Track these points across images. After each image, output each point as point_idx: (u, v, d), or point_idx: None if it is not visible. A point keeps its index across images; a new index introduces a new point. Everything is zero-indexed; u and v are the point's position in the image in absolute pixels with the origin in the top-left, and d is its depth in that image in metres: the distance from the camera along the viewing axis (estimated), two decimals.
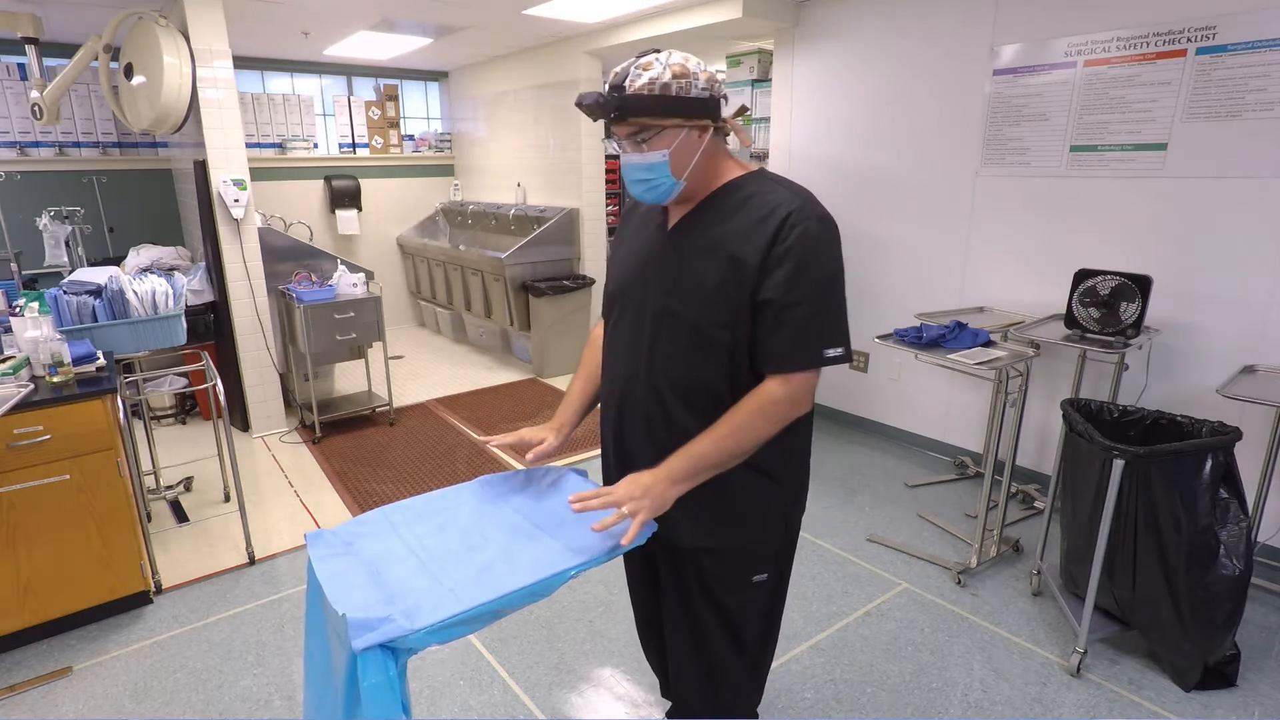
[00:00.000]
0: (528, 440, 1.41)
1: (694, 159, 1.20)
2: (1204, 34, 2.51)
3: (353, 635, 0.96)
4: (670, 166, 1.18)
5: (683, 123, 1.16)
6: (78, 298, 2.50)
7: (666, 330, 1.25)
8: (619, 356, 1.36)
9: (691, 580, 1.36)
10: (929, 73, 3.32)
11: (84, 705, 2.01)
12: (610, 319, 1.40)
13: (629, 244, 1.39)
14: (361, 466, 3.56)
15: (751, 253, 1.16)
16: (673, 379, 1.25)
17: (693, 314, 1.22)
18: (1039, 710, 1.97)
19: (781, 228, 1.15)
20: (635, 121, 1.15)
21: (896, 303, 3.61)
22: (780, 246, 1.15)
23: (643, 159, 1.18)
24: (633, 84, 1.13)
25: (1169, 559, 1.96)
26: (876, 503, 3.15)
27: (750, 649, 1.42)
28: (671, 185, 1.21)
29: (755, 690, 1.55)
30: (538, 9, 3.89)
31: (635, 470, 1.23)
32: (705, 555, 1.33)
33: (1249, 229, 2.50)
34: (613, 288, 1.39)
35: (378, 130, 6.04)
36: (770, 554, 1.38)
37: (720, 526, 1.30)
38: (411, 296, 6.55)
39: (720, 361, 1.22)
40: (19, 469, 2.07)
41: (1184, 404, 2.64)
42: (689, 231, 1.26)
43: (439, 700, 2.03)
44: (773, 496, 1.32)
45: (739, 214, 1.21)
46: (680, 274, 1.24)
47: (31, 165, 4.54)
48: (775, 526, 1.35)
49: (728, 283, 1.18)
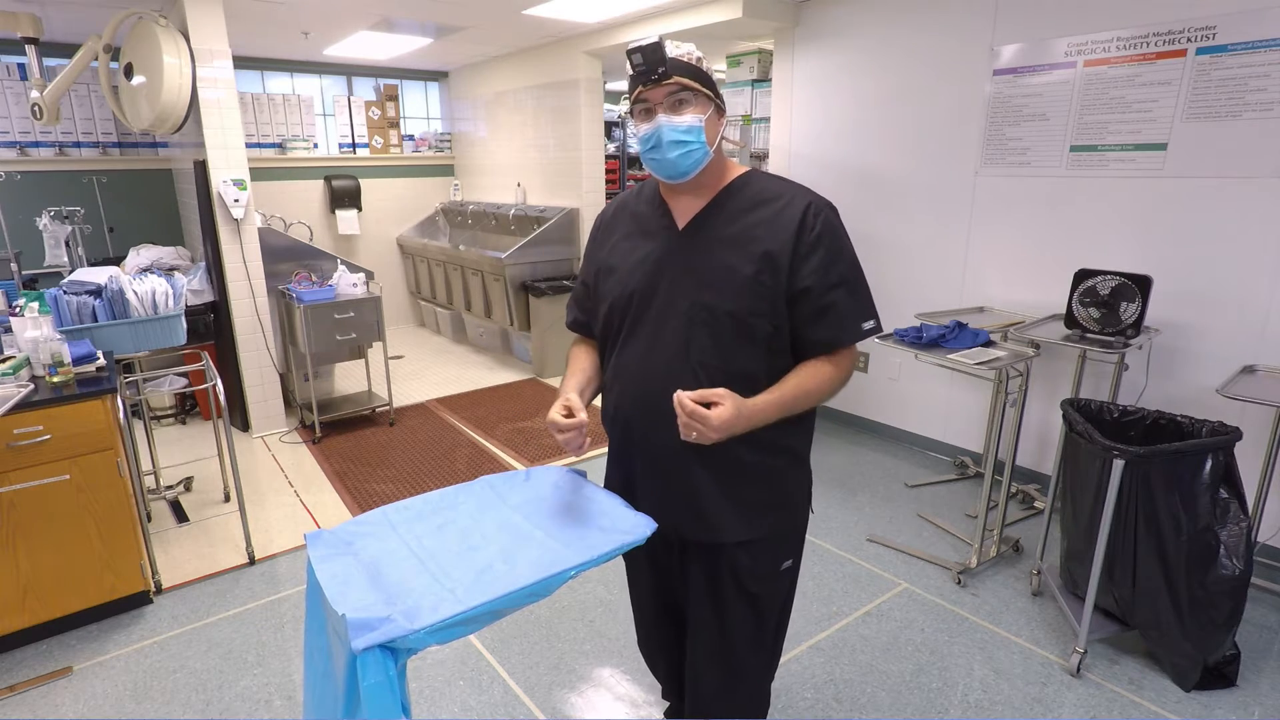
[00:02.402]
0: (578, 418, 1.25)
1: (717, 138, 1.24)
2: (1204, 34, 2.51)
3: (352, 635, 0.96)
4: (705, 134, 1.21)
5: (713, 96, 1.22)
6: (78, 298, 2.50)
7: (702, 324, 1.24)
8: (639, 364, 1.30)
9: (725, 573, 1.36)
10: (929, 73, 3.32)
11: (84, 705, 2.01)
12: (616, 331, 1.34)
13: (626, 254, 1.33)
14: (361, 466, 3.56)
15: (782, 243, 1.21)
16: (712, 371, 1.24)
17: (730, 305, 1.23)
18: (1039, 710, 1.97)
19: (805, 217, 1.21)
20: (680, 81, 1.18)
21: (896, 303, 3.61)
22: (809, 235, 1.21)
23: (682, 120, 1.20)
24: (673, 50, 1.18)
25: (1169, 559, 1.96)
26: (876, 503, 3.15)
27: (767, 643, 1.45)
28: (705, 153, 1.22)
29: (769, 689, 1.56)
30: (538, 9, 3.89)
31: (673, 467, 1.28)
32: (741, 548, 1.34)
33: (1249, 229, 2.50)
34: (617, 298, 1.32)
35: (378, 130, 6.04)
36: (798, 539, 1.43)
37: (762, 517, 1.33)
38: (411, 296, 6.55)
39: (759, 349, 1.25)
40: (19, 469, 2.07)
41: (1184, 404, 2.64)
42: (709, 226, 1.27)
43: (439, 700, 2.03)
44: (803, 478, 1.39)
45: (758, 207, 1.25)
46: (710, 267, 1.25)
47: (31, 165, 4.54)
48: (804, 507, 1.41)
49: (762, 272, 1.21)
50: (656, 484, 1.34)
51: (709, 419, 1.11)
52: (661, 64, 1.16)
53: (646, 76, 1.17)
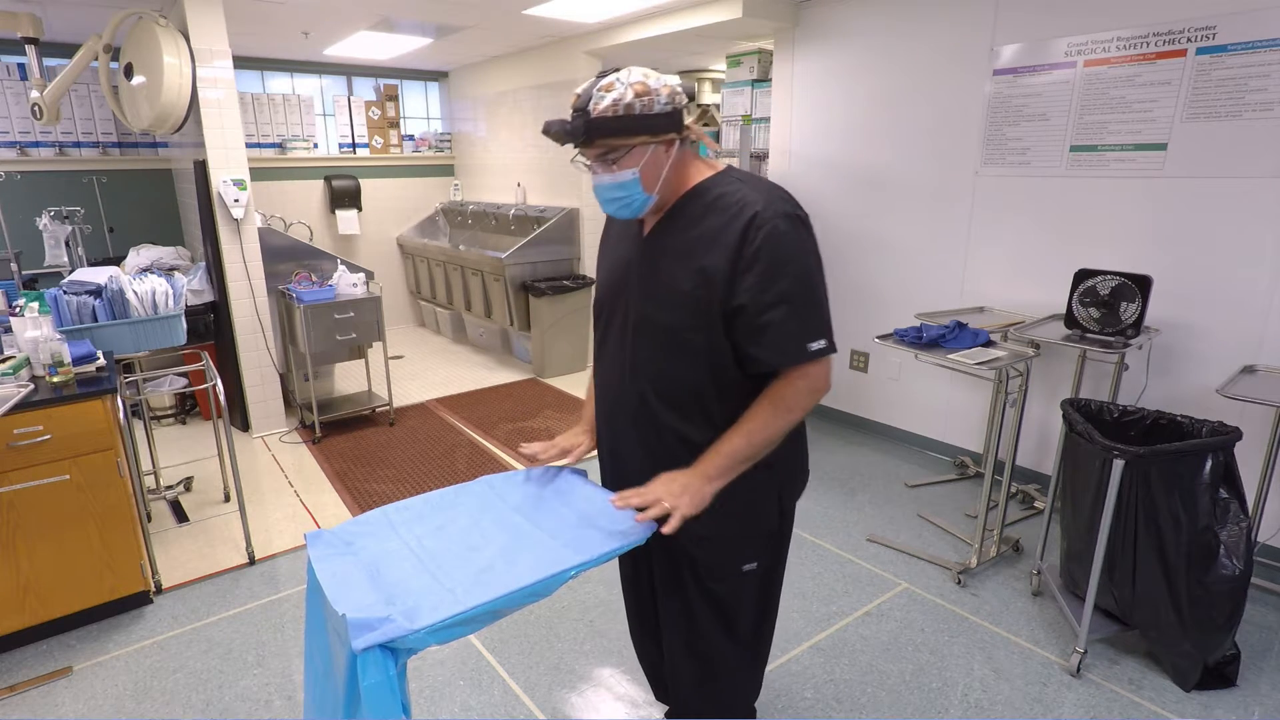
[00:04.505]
0: (566, 448, 1.44)
1: (663, 171, 1.22)
2: (1204, 34, 2.51)
3: (353, 635, 0.96)
4: (641, 183, 1.20)
5: (649, 139, 1.17)
6: (78, 298, 2.50)
7: (645, 335, 1.29)
8: (608, 362, 1.40)
9: (685, 569, 1.39)
10: (929, 73, 3.32)
11: (84, 705, 2.01)
12: (599, 327, 1.43)
13: (612, 253, 1.42)
14: (361, 466, 3.56)
15: (720, 258, 1.18)
16: (654, 382, 1.29)
17: (667, 319, 1.25)
18: (1039, 710, 1.97)
19: (748, 230, 1.17)
20: (603, 143, 1.16)
21: (896, 303, 3.61)
22: (749, 249, 1.17)
23: (614, 179, 1.20)
24: (596, 106, 1.13)
25: (1169, 559, 1.96)
26: (876, 503, 3.15)
27: (745, 638, 1.45)
28: (644, 200, 1.23)
29: (753, 686, 1.57)
30: (538, 9, 3.89)
31: (629, 472, 1.28)
32: (696, 545, 1.35)
33: (1249, 229, 2.50)
34: (600, 296, 1.42)
35: (378, 130, 6.04)
36: (761, 543, 1.40)
37: (713, 516, 1.30)
38: (411, 296, 6.55)
39: (698, 364, 1.25)
40: (19, 469, 2.07)
41: (1184, 404, 2.64)
42: (661, 238, 1.29)
43: (439, 700, 2.03)
44: (766, 483, 1.34)
45: (707, 218, 1.23)
46: (655, 281, 1.27)
47: (31, 165, 4.54)
48: (770, 513, 1.38)
49: (699, 288, 1.21)
50: (618, 482, 1.40)
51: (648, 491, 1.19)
52: (583, 131, 1.15)
53: (574, 139, 1.17)
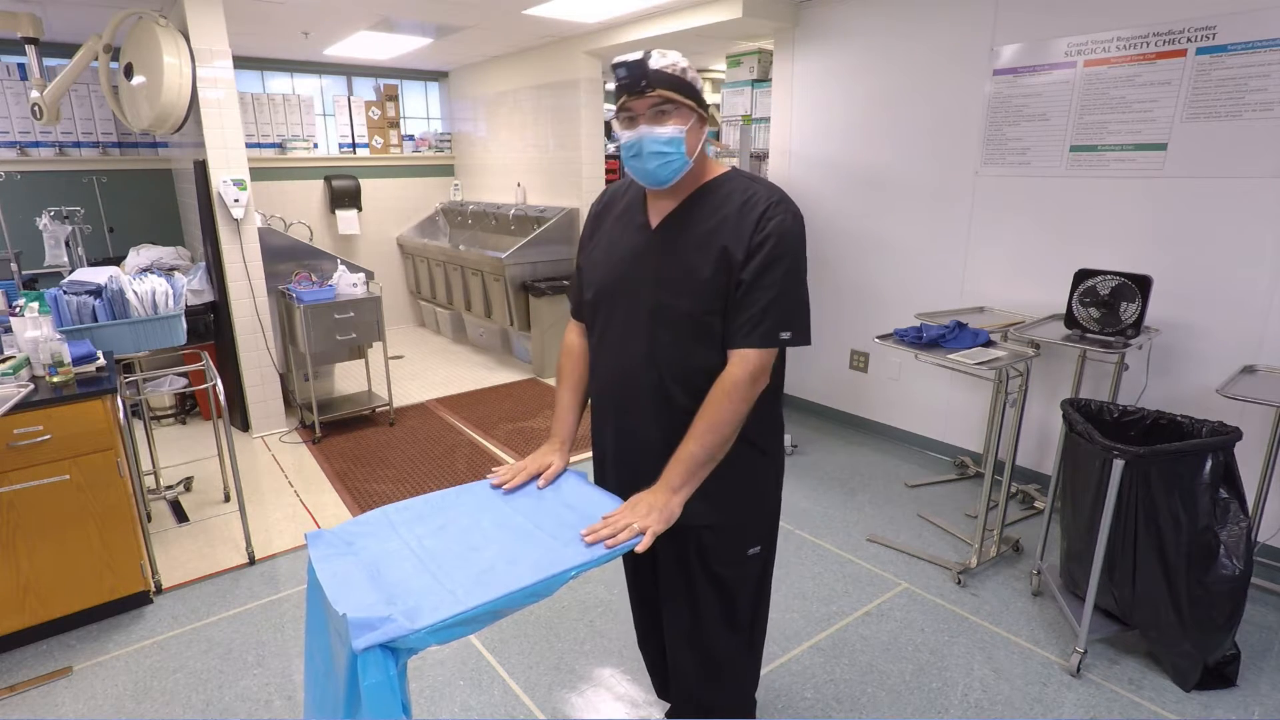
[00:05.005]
0: (534, 471, 1.43)
1: (698, 146, 1.27)
2: (1204, 34, 2.51)
3: (353, 635, 0.96)
4: (685, 144, 1.24)
5: (695, 107, 1.24)
6: (78, 298, 2.50)
7: (664, 323, 1.30)
8: (612, 353, 1.40)
9: (692, 555, 1.41)
10: (929, 73, 3.32)
11: (84, 705, 2.01)
12: (595, 320, 1.43)
13: (607, 246, 1.42)
14: (361, 466, 3.56)
15: (738, 241, 1.24)
16: (673, 367, 1.31)
17: (688, 305, 1.28)
18: (1039, 710, 1.97)
19: (761, 217, 1.24)
20: (662, 93, 1.21)
21: (896, 303, 3.61)
22: (759, 235, 1.23)
23: (664, 131, 1.23)
24: (657, 62, 1.20)
25: (1169, 559, 1.96)
26: (876, 503, 3.15)
27: (743, 625, 1.48)
28: (683, 164, 1.26)
29: (752, 677, 1.60)
30: (538, 9, 3.89)
31: (649, 463, 1.29)
32: (706, 532, 1.38)
33: (1249, 229, 2.50)
34: (596, 289, 1.41)
35: (378, 130, 6.04)
36: (765, 527, 1.46)
37: (724, 504, 1.36)
38: (411, 296, 6.55)
39: (715, 345, 1.29)
40: (19, 469, 2.06)
41: (1184, 404, 2.64)
42: (678, 228, 1.31)
43: (439, 700, 2.03)
44: (768, 469, 1.42)
45: (725, 207, 1.28)
46: (674, 268, 1.29)
47: (31, 165, 4.54)
48: (773, 496, 1.45)
49: (720, 272, 1.25)
50: (626, 471, 1.41)
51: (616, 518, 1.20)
52: (644, 77, 1.20)
53: (631, 88, 1.21)
